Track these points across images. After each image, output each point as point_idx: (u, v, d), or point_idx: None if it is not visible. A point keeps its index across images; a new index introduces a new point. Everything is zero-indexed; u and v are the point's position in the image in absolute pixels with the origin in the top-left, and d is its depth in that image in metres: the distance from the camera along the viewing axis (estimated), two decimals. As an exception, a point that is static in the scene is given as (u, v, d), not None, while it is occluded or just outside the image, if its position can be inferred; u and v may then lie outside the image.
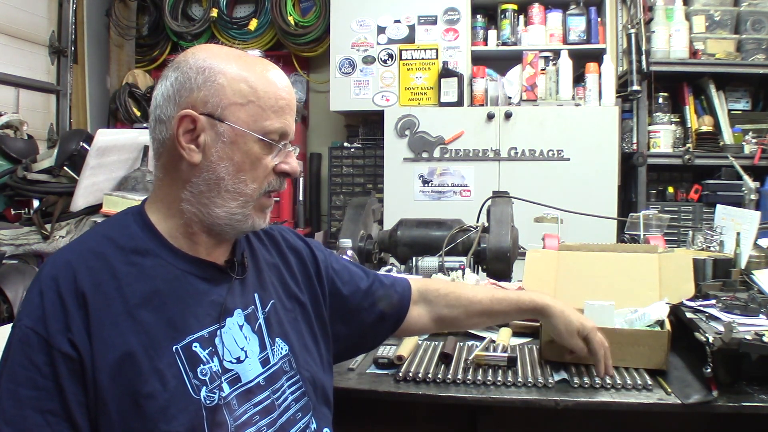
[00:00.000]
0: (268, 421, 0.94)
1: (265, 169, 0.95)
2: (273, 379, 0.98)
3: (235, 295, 0.98)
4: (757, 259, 1.69)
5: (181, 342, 0.89)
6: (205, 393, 0.88)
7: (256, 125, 0.93)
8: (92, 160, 2.13)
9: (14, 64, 3.50)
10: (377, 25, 3.74)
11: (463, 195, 3.45)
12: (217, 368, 0.91)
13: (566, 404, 1.17)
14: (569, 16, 3.67)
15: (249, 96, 0.93)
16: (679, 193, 3.56)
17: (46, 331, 0.82)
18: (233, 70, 0.93)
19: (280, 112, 0.95)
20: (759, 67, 3.43)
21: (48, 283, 0.86)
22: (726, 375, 1.20)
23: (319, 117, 4.31)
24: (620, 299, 1.41)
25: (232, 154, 0.93)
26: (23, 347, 0.82)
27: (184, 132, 0.91)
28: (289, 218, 3.76)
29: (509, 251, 1.90)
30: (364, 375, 1.31)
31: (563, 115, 3.40)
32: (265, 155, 0.94)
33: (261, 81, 0.94)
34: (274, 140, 0.95)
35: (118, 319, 0.85)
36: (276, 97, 0.94)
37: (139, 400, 0.83)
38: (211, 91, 0.91)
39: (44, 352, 0.82)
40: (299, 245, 1.15)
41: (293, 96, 0.99)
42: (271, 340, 1.00)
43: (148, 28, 4.38)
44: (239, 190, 0.94)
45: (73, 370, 0.82)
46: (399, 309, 1.23)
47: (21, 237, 2.16)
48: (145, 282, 0.89)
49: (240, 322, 0.97)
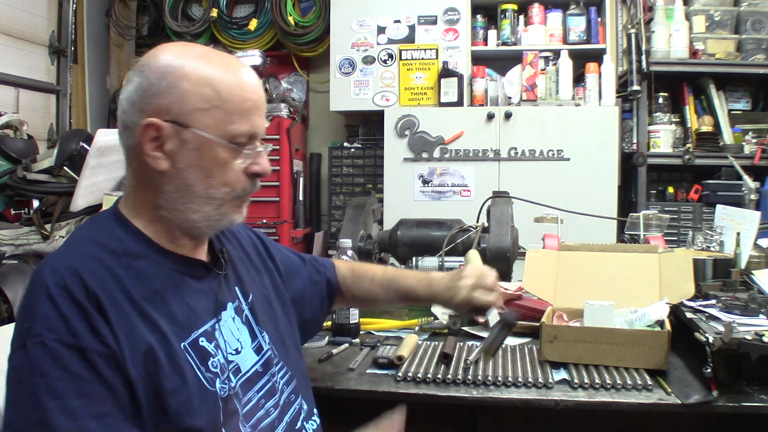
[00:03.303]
0: (273, 402, 0.99)
1: (236, 172, 0.94)
2: (268, 366, 1.02)
3: (224, 290, 1.00)
4: (757, 259, 1.70)
5: (188, 338, 0.90)
6: (219, 384, 0.91)
7: (221, 130, 0.91)
8: (92, 160, 2.13)
9: (14, 64, 3.50)
10: (377, 25, 3.74)
11: (463, 195, 3.45)
12: (223, 360, 0.93)
13: (566, 404, 1.17)
14: (569, 16, 3.67)
15: (213, 100, 0.90)
16: (679, 193, 3.56)
17: (75, 339, 0.79)
18: (197, 73, 0.90)
19: (246, 114, 0.92)
20: (759, 67, 3.43)
21: (57, 291, 0.82)
22: (726, 375, 1.20)
23: (319, 117, 4.30)
24: (620, 299, 1.41)
25: (200, 161, 0.91)
26: (56, 361, 0.78)
27: (150, 140, 0.90)
28: (289, 218, 3.76)
29: (509, 251, 1.90)
30: (364, 375, 1.31)
31: (563, 115, 3.40)
32: (233, 159, 0.93)
33: (225, 83, 0.91)
34: (242, 143, 0.93)
35: (132, 318, 0.85)
36: (241, 99, 0.92)
37: (164, 396, 0.84)
38: (175, 97, 0.89)
39: (80, 358, 0.79)
40: (252, 238, 1.19)
41: (261, 94, 0.96)
42: (260, 328, 1.04)
43: (148, 28, 4.38)
44: (211, 195, 0.93)
45: (113, 366, 0.81)
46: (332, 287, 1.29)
47: (21, 237, 2.17)
48: (144, 283, 0.89)
49: (232, 314, 1.00)
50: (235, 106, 0.91)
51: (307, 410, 1.07)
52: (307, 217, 4.08)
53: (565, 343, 1.32)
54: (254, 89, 0.94)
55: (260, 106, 0.96)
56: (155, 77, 0.89)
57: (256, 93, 0.95)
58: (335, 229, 3.76)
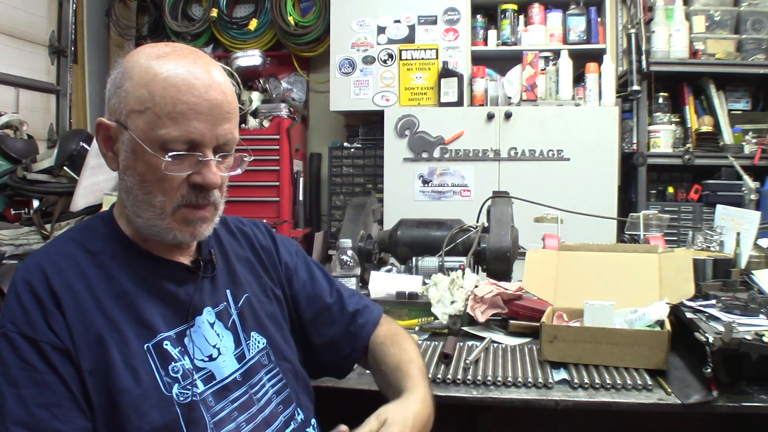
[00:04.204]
0: (246, 416, 0.95)
1: (173, 181, 0.88)
2: (250, 374, 0.98)
3: (204, 294, 0.98)
4: (757, 259, 1.69)
5: (152, 340, 0.90)
6: (178, 390, 0.89)
7: (151, 134, 0.86)
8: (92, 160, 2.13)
9: (14, 64, 3.50)
10: (377, 25, 3.73)
11: (463, 195, 3.45)
12: (189, 366, 0.91)
13: (566, 404, 1.17)
14: (569, 16, 3.67)
15: (146, 102, 0.86)
16: (679, 193, 3.56)
17: (32, 330, 0.84)
18: (140, 73, 0.87)
19: (179, 118, 0.86)
20: (759, 67, 3.42)
21: (22, 286, 0.87)
22: (726, 375, 1.20)
23: (319, 117, 4.30)
24: (620, 299, 1.41)
25: (135, 164, 0.89)
26: (14, 351, 0.83)
27: (102, 139, 0.92)
28: (289, 218, 3.76)
29: (509, 251, 1.90)
30: (364, 375, 1.31)
31: (563, 115, 3.40)
32: (171, 169, 0.87)
33: (162, 84, 0.86)
34: (177, 150, 0.87)
35: (90, 315, 0.87)
36: (174, 102, 0.85)
37: (114, 394, 0.84)
38: (119, 98, 0.89)
39: (35, 350, 0.83)
40: (269, 246, 1.13)
41: (211, 97, 0.88)
42: (246, 335, 1.00)
43: (148, 28, 4.38)
44: (149, 202, 0.90)
45: (65, 358, 0.84)
46: (356, 340, 1.14)
47: (21, 237, 2.17)
48: (113, 283, 0.90)
49: (210, 320, 0.97)
50: (166, 110, 0.86)
51: (303, 420, 1.03)
52: (307, 217, 4.08)
53: (565, 343, 1.32)
54: (199, 92, 0.87)
55: (202, 110, 0.87)
56: (114, 77, 0.91)
57: (198, 96, 0.87)
58: (335, 229, 3.76)
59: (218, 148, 0.91)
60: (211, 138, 0.89)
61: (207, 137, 0.88)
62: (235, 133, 0.93)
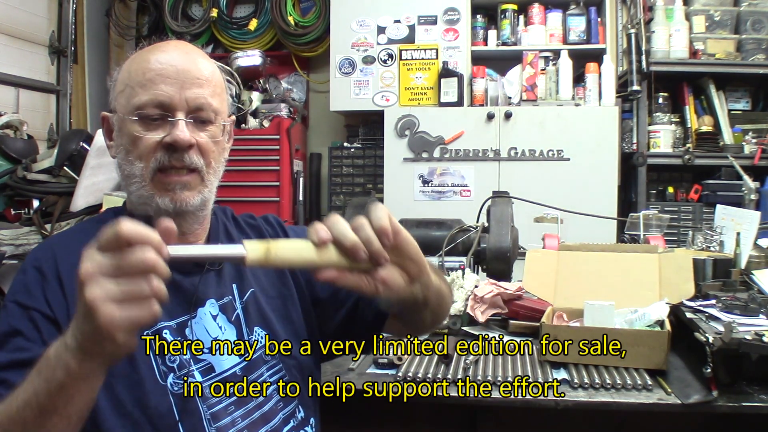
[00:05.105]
0: (243, 411, 0.94)
1: (147, 145, 0.93)
2: (251, 369, 0.97)
3: (208, 286, 0.98)
4: (757, 259, 1.69)
5: (151, 328, 0.90)
6: (172, 380, 0.89)
7: (129, 106, 0.93)
8: (92, 160, 2.13)
9: (14, 64, 3.50)
10: (377, 25, 3.73)
11: (463, 195, 3.45)
12: (188, 357, 0.92)
13: (566, 404, 1.17)
14: (569, 16, 3.67)
15: (125, 81, 0.95)
16: (679, 193, 3.56)
17: (29, 298, 0.87)
18: (127, 63, 0.97)
19: (148, 84, 0.92)
20: (759, 67, 3.43)
21: (30, 262, 0.92)
22: (726, 375, 1.20)
23: (319, 117, 4.30)
24: (620, 299, 1.41)
25: (122, 141, 0.96)
26: (9, 319, 0.86)
27: (106, 131, 1.01)
28: (289, 218, 3.76)
29: (509, 251, 1.90)
30: (364, 375, 1.31)
31: (563, 115, 3.40)
32: (144, 132, 0.93)
33: (135, 63, 0.95)
34: (149, 114, 0.92)
35: None
36: (143, 71, 0.93)
37: (108, 378, 0.82)
38: (113, 89, 0.98)
39: (27, 318, 0.86)
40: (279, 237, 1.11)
41: (179, 62, 0.94)
42: (249, 329, 1.00)
43: (148, 28, 4.38)
44: (132, 172, 0.95)
45: (55, 330, 0.85)
46: None
47: (21, 237, 2.17)
48: None
49: (213, 312, 0.97)
50: (137, 80, 0.93)
51: (303, 417, 1.02)
52: (307, 217, 4.07)
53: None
54: (165, 59, 0.93)
55: (168, 74, 0.92)
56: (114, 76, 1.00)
57: (165, 63, 0.93)
58: (335, 229, 3.75)
59: (191, 112, 0.94)
60: (180, 101, 0.93)
61: (175, 99, 0.93)
62: (212, 101, 0.96)
